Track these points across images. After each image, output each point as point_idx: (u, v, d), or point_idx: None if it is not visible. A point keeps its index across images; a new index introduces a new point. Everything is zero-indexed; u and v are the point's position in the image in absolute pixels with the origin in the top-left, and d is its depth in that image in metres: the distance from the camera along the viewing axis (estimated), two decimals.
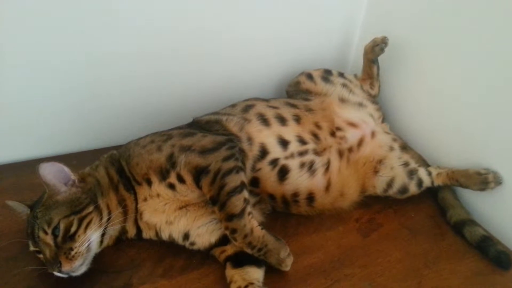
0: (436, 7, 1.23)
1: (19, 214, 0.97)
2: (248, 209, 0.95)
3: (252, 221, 0.95)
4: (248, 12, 1.34)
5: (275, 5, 1.37)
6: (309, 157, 1.12)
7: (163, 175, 0.98)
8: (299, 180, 1.10)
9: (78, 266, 0.88)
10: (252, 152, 1.08)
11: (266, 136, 1.10)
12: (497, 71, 1.09)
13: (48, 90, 1.20)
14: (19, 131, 1.25)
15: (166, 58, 1.30)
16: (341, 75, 1.39)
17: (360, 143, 1.22)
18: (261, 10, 1.36)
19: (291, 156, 1.10)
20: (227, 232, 0.95)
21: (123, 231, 1.02)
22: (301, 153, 1.11)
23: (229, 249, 0.99)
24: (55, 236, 0.88)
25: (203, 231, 1.01)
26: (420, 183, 1.21)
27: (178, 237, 1.01)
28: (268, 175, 1.08)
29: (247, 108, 1.17)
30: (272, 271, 0.97)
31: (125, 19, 1.18)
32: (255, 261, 0.96)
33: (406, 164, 1.23)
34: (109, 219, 0.96)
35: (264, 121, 1.13)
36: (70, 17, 1.11)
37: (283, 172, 1.08)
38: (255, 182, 1.08)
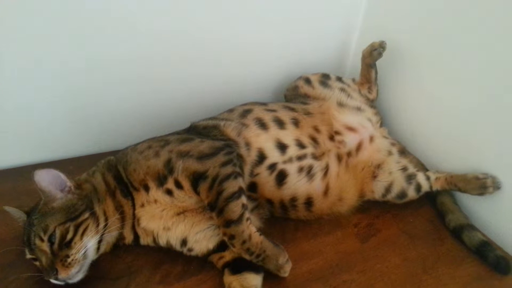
0: (434, 12, 1.23)
1: (16, 220, 0.96)
2: (246, 214, 0.95)
3: (250, 227, 0.94)
4: (246, 17, 1.34)
5: (273, 10, 1.37)
6: (307, 161, 1.11)
7: (161, 181, 0.98)
8: (298, 185, 1.09)
9: (74, 273, 0.88)
10: (250, 157, 1.07)
11: (264, 141, 1.10)
12: (496, 76, 1.08)
13: (45, 95, 1.20)
14: (16, 136, 1.24)
15: (163, 63, 1.30)
16: (339, 79, 1.39)
17: (359, 147, 1.21)
18: (259, 14, 1.35)
19: (290, 160, 1.10)
20: (225, 238, 0.95)
21: (120, 237, 1.01)
22: (300, 158, 1.11)
23: (227, 255, 0.98)
24: (51, 243, 0.87)
25: (201, 237, 1.00)
26: (418, 187, 1.21)
27: (175, 243, 1.01)
28: (266, 180, 1.08)
29: (244, 113, 1.16)
30: (271, 277, 0.97)
31: (123, 24, 1.17)
32: (253, 267, 0.95)
33: (404, 169, 1.23)
34: (106, 225, 0.96)
35: (262, 125, 1.12)
36: (68, 22, 1.10)
37: (281, 177, 1.08)
38: (253, 187, 1.08)
